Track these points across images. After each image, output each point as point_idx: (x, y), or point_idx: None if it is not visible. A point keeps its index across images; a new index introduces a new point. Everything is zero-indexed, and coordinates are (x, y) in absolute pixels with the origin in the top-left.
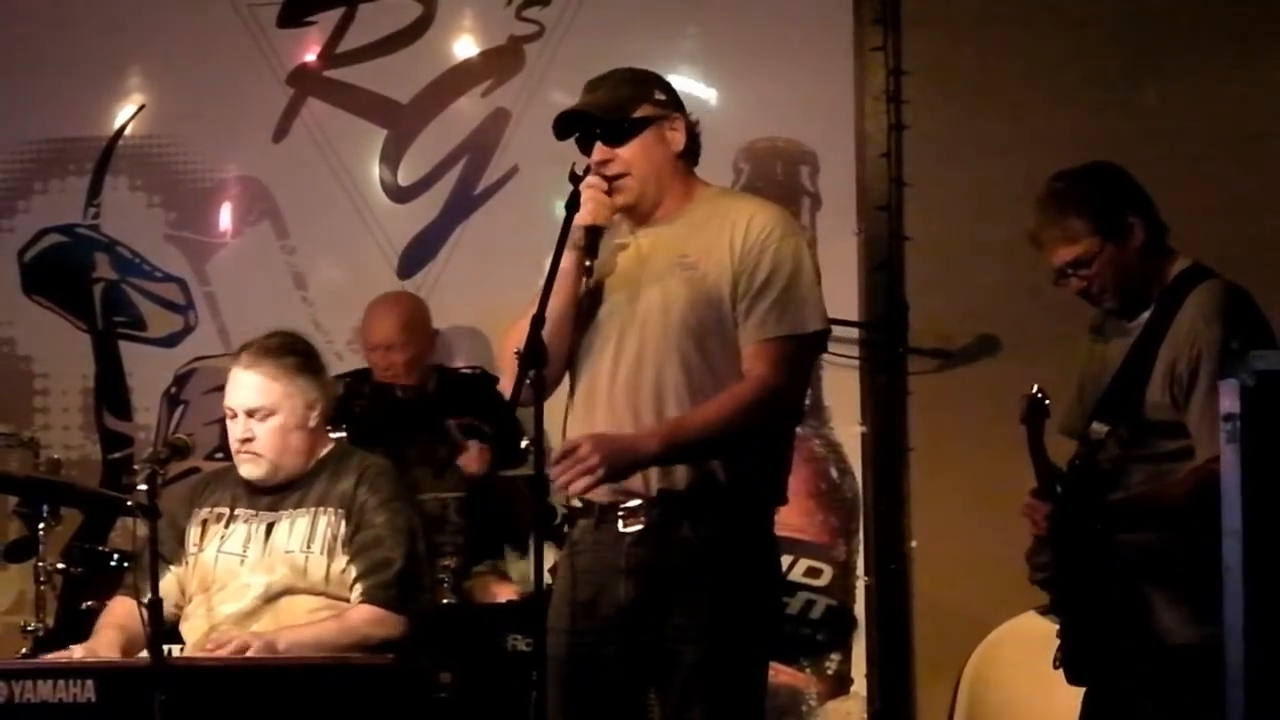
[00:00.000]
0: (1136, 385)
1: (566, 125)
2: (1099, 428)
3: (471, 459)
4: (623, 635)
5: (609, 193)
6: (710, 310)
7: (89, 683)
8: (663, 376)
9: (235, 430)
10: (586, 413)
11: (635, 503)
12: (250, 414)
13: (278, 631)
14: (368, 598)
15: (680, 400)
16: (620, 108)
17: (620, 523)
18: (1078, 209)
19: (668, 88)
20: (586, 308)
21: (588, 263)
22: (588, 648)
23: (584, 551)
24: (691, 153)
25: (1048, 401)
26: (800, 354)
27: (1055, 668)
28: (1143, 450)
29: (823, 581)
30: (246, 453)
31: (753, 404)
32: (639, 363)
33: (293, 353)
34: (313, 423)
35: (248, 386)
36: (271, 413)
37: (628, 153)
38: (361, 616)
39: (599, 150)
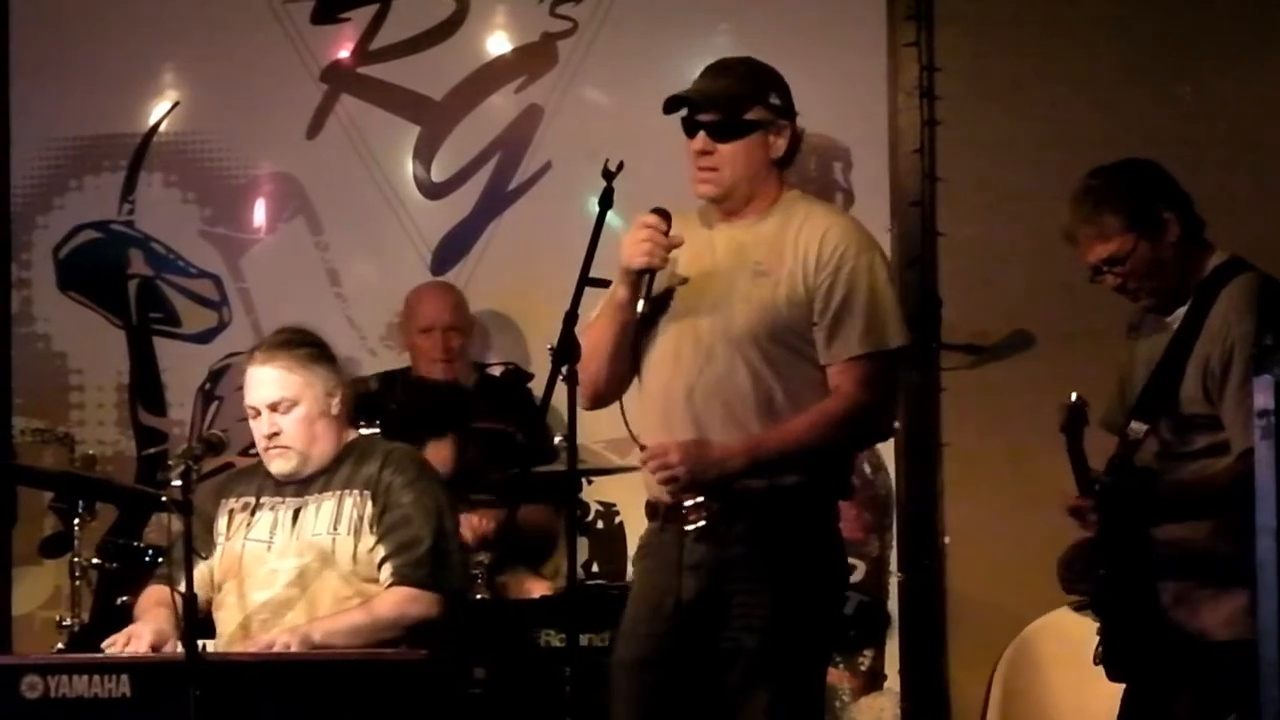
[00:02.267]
0: (1173, 381)
1: (677, 104)
2: (1137, 426)
3: (465, 532)
4: (687, 631)
5: (696, 180)
6: (779, 319)
7: (124, 677)
8: (729, 380)
9: (261, 428)
10: (651, 411)
11: (698, 499)
12: (273, 407)
13: (311, 624)
14: (398, 577)
15: (746, 406)
16: (734, 106)
17: (684, 520)
18: (1112, 206)
19: (785, 92)
20: (657, 303)
21: (640, 306)
22: (657, 650)
23: (651, 554)
24: (788, 159)
25: (1087, 408)
26: (885, 370)
27: (1096, 664)
28: (1181, 447)
29: (856, 577)
30: (275, 447)
31: (841, 421)
32: (706, 365)
33: (304, 344)
34: (334, 410)
35: (267, 381)
36: (295, 403)
37: (729, 151)
38: (395, 598)
39: (701, 140)
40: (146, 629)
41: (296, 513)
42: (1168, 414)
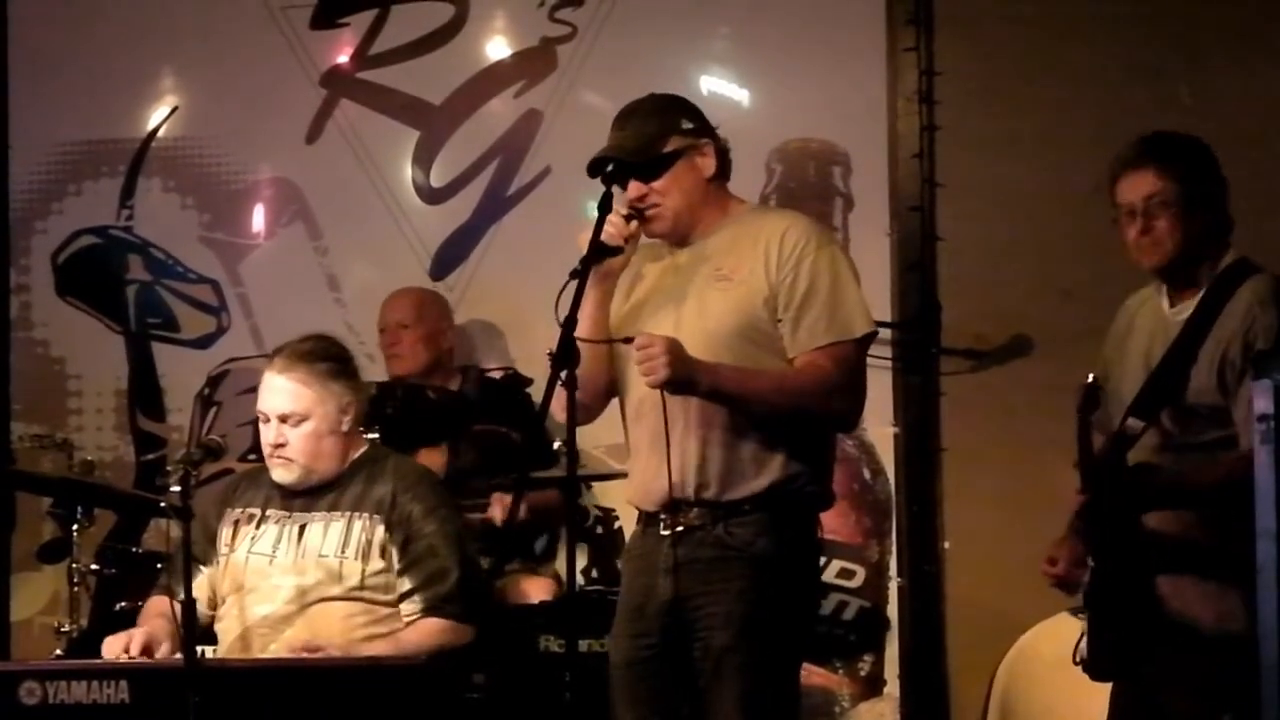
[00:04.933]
0: (1181, 372)
1: (599, 164)
2: (1134, 423)
3: (495, 510)
4: (666, 633)
5: (644, 220)
6: (744, 319)
7: (123, 683)
8: None
9: (268, 434)
10: (637, 421)
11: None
12: (283, 419)
13: (364, 645)
14: (432, 610)
15: (719, 409)
16: (649, 146)
17: (661, 525)
18: (1182, 161)
19: (695, 113)
20: (632, 323)
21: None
22: (642, 650)
23: (635, 558)
24: (723, 173)
25: (1101, 390)
26: (851, 357)
27: (1075, 663)
28: (1185, 438)
29: (855, 583)
30: (279, 458)
31: (806, 388)
32: None
33: (326, 358)
34: (345, 427)
35: (281, 391)
36: (304, 418)
37: (661, 185)
38: (436, 629)
39: (634, 187)
40: (140, 631)
41: (302, 528)
42: (1171, 404)
